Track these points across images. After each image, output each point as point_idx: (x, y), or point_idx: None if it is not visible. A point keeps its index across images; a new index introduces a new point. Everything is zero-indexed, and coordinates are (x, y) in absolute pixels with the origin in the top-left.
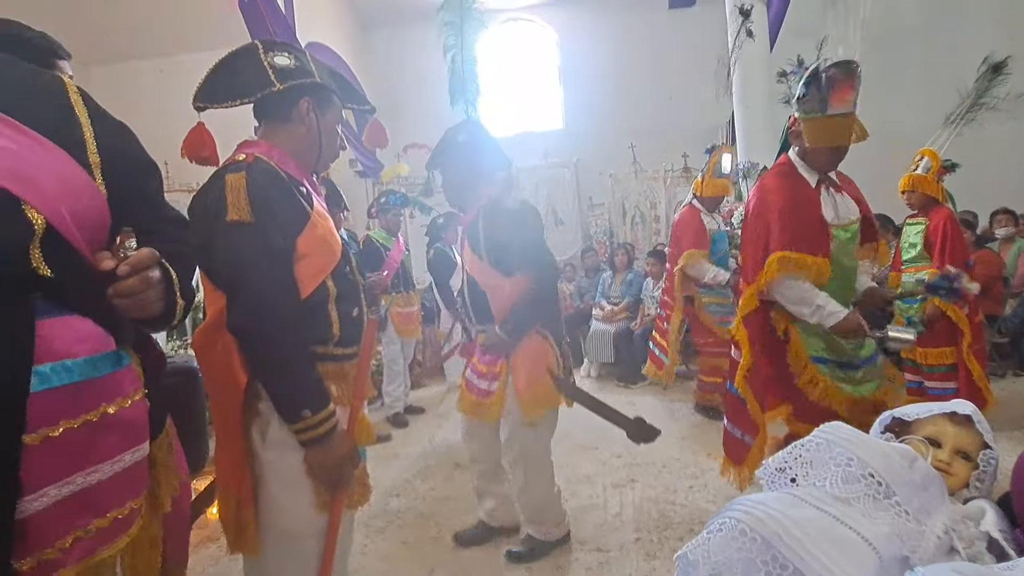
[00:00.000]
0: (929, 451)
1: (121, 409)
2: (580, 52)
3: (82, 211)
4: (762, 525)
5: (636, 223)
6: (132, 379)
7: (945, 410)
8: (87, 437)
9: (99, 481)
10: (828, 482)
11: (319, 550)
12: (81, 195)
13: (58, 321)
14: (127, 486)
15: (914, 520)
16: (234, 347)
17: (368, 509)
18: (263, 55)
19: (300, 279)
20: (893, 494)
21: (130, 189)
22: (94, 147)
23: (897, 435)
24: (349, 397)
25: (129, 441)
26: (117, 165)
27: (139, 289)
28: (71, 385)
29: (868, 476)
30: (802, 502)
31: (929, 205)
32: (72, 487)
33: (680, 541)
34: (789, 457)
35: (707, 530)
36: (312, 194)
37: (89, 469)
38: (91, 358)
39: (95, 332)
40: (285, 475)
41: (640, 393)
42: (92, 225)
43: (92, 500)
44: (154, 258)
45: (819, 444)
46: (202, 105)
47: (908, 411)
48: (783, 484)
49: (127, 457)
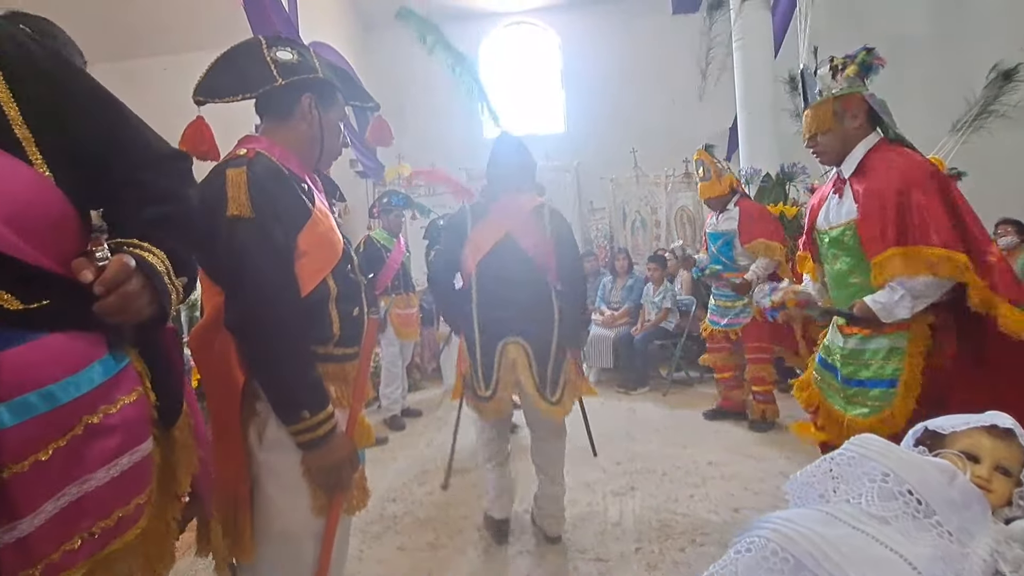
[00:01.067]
0: (967, 467)
1: (106, 416)
2: (582, 56)
3: (29, 217)
4: (793, 544)
5: (637, 228)
6: (129, 381)
7: (983, 423)
8: (75, 450)
9: (96, 487)
10: (863, 499)
11: (315, 555)
12: (24, 201)
13: (30, 347)
14: (129, 486)
15: (956, 542)
16: (232, 345)
17: (364, 514)
18: (266, 50)
19: (300, 277)
20: (933, 513)
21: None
22: (19, 116)
23: (930, 448)
24: (349, 398)
25: (125, 444)
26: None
27: (119, 307)
28: (52, 411)
29: (906, 493)
30: (835, 519)
31: None
32: (69, 498)
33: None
34: (818, 471)
35: (734, 549)
36: (313, 191)
37: (82, 478)
38: (74, 376)
39: (77, 347)
40: (282, 477)
41: (640, 399)
42: (50, 226)
43: (93, 505)
44: (128, 269)
45: (851, 458)
46: (202, 99)
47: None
48: (811, 499)
49: (123, 460)
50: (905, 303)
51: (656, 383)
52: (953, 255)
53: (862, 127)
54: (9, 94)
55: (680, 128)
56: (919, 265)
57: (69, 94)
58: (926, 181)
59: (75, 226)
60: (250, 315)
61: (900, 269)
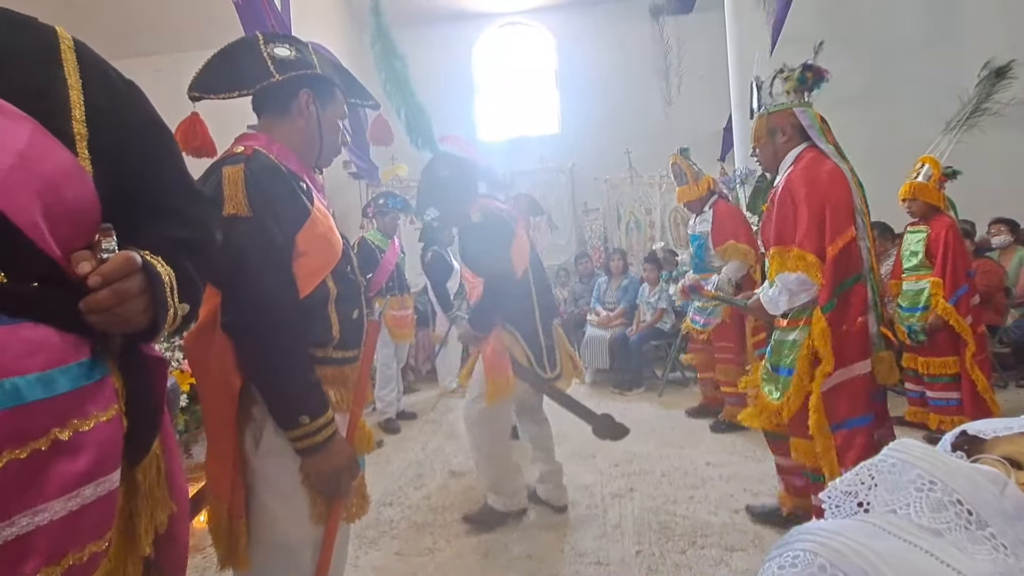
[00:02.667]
0: (1011, 474)
1: (77, 434)
2: (577, 57)
3: (57, 200)
4: (843, 559)
5: (631, 229)
6: (105, 396)
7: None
8: (34, 468)
9: (50, 521)
10: (912, 509)
11: (313, 563)
12: (57, 182)
13: (5, 331)
14: (86, 526)
15: (1012, 555)
16: (228, 348)
17: (360, 519)
18: (263, 46)
19: (299, 278)
20: (986, 525)
21: (138, 162)
22: (81, 114)
23: (968, 454)
24: (349, 403)
25: (90, 473)
26: (117, 134)
27: (112, 303)
28: (16, 408)
29: (956, 503)
30: (884, 532)
31: (930, 213)
32: (15, 529)
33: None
34: (856, 480)
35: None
36: (312, 190)
37: (37, 507)
38: (45, 374)
39: (54, 342)
40: (280, 485)
41: (636, 400)
42: (72, 216)
43: (43, 544)
44: (131, 265)
45: (893, 464)
46: (197, 95)
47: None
48: (850, 510)
49: (87, 492)
50: (783, 297)
51: (651, 384)
52: (805, 255)
53: (791, 140)
54: (80, 94)
55: (674, 129)
56: (785, 263)
57: (130, 111)
58: (801, 188)
59: (92, 224)
60: (248, 317)
61: (776, 267)
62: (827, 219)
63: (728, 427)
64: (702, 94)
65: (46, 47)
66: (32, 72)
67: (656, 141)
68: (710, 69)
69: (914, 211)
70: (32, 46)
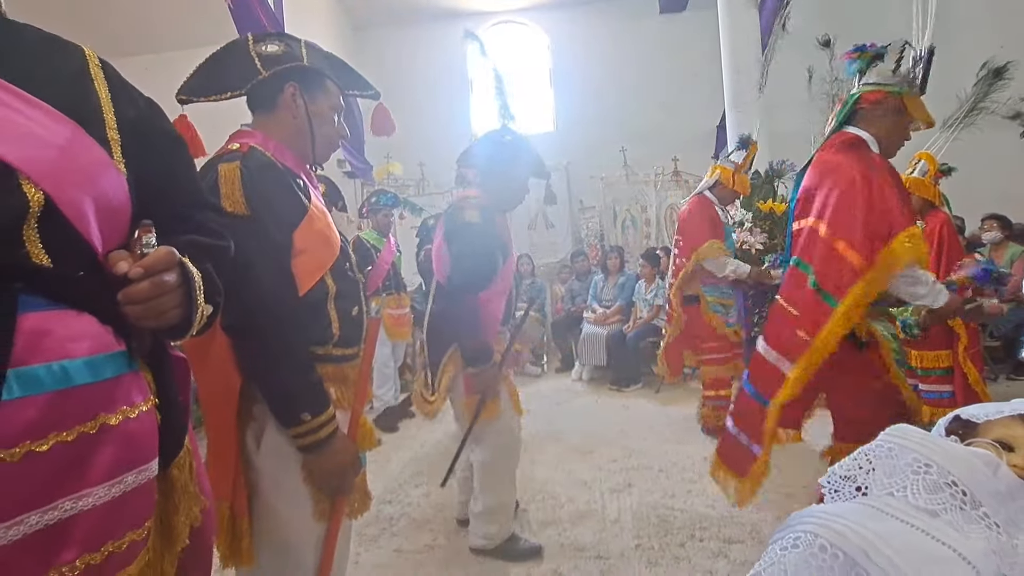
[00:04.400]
0: (1003, 456)
1: (125, 420)
2: (572, 55)
3: (97, 193)
4: (844, 540)
5: (627, 226)
6: (140, 387)
7: (1018, 411)
8: (81, 453)
9: (93, 507)
10: (908, 491)
11: (316, 561)
12: (96, 175)
13: (51, 315)
14: (127, 514)
15: (1005, 534)
16: (228, 347)
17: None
18: (252, 46)
19: (297, 275)
20: (980, 504)
21: (158, 171)
22: (113, 122)
23: (961, 438)
24: (350, 400)
25: (133, 459)
26: (141, 143)
27: (151, 295)
28: (64, 391)
29: (951, 485)
30: (882, 513)
31: (925, 209)
32: (58, 513)
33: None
34: (854, 464)
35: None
36: (309, 187)
37: (80, 492)
38: (90, 359)
39: (97, 330)
40: (282, 483)
41: (633, 396)
42: (109, 211)
43: (83, 530)
44: (172, 259)
45: (890, 449)
46: (184, 98)
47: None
48: (849, 494)
49: (129, 478)
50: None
51: (648, 380)
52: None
53: None
54: (110, 101)
55: (669, 127)
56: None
57: (152, 124)
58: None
59: (125, 223)
60: (247, 315)
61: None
62: None
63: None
64: (696, 92)
65: (78, 63)
66: (69, 86)
67: (651, 139)
68: (704, 67)
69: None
70: (66, 62)
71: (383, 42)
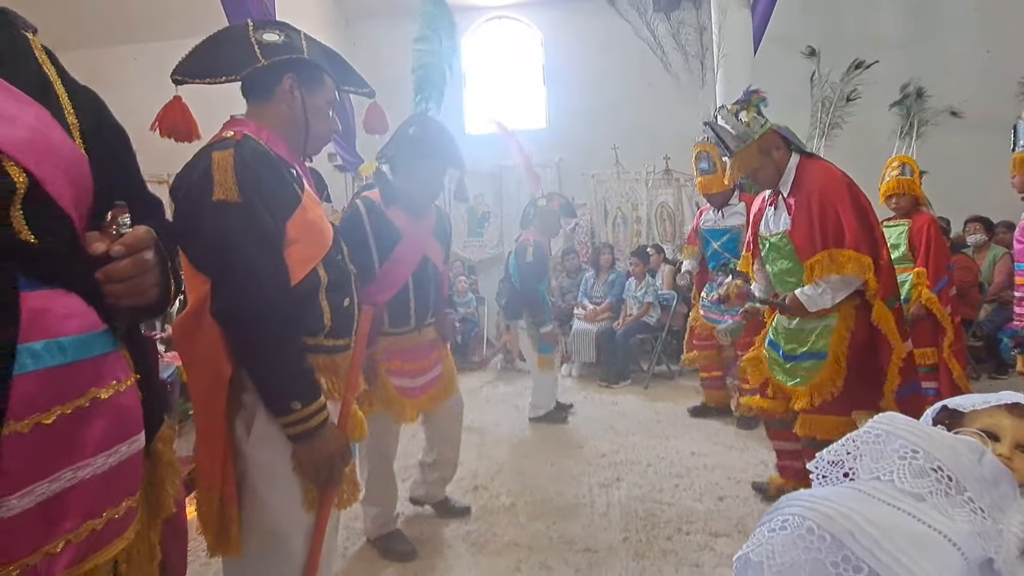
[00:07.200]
0: (988, 444)
1: (116, 394)
2: (565, 52)
3: (68, 172)
4: (831, 522)
5: (618, 224)
6: (123, 365)
7: (1004, 401)
8: (78, 426)
9: (92, 476)
10: (895, 476)
11: (305, 550)
12: (67, 156)
13: (45, 294)
14: (122, 482)
15: (989, 518)
16: (218, 335)
17: (348, 509)
18: (252, 32)
19: (290, 265)
20: (964, 490)
21: (109, 157)
22: (71, 107)
23: (948, 427)
24: (341, 391)
25: (124, 431)
26: (95, 130)
27: (133, 272)
28: (63, 366)
29: (937, 470)
30: (869, 497)
31: (912, 208)
32: (62, 483)
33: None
34: (842, 450)
35: (767, 528)
36: (303, 177)
37: (81, 463)
38: (82, 336)
39: (84, 309)
40: (272, 472)
41: (623, 392)
42: (78, 189)
43: (84, 498)
44: (150, 238)
45: (877, 435)
46: (179, 79)
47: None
48: (836, 479)
49: (123, 449)
50: (827, 296)
51: (637, 377)
52: (861, 257)
53: (783, 151)
54: (62, 85)
55: (661, 126)
56: (837, 265)
57: (97, 112)
58: (842, 192)
59: (89, 204)
60: (238, 303)
61: (826, 268)
62: (873, 225)
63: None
64: (688, 92)
65: (23, 45)
66: (24, 67)
67: (642, 138)
68: (696, 66)
69: (900, 206)
70: (14, 43)
71: (375, 34)
